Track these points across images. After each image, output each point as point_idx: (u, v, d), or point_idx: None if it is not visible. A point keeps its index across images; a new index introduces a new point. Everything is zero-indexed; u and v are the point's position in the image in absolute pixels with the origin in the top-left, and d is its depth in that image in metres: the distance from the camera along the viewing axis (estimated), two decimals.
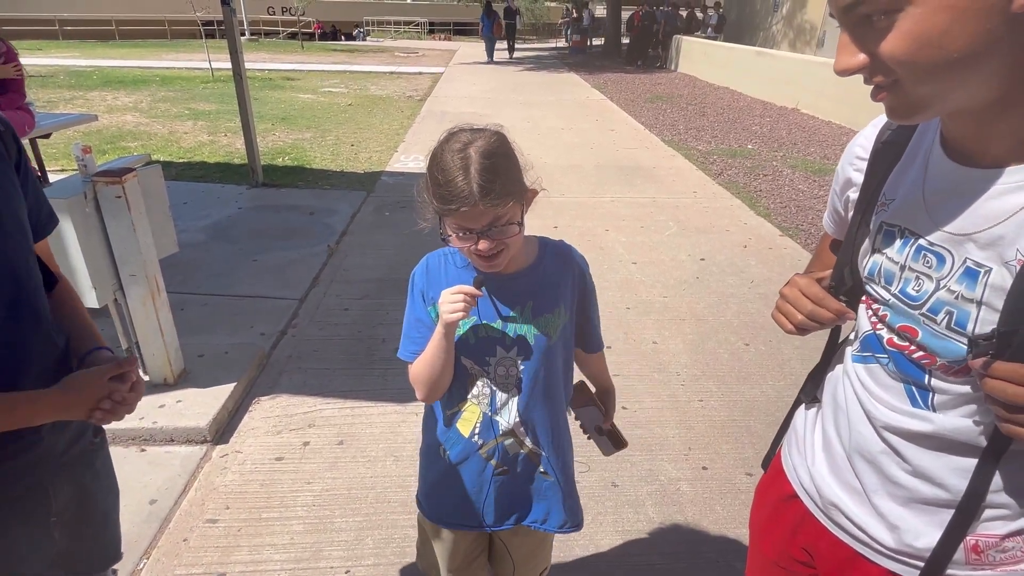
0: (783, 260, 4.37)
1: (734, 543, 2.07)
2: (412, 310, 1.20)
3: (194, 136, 7.84)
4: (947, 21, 0.58)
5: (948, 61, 0.60)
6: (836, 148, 7.83)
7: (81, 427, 1.09)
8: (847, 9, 0.64)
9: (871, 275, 0.83)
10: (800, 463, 0.98)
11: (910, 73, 0.63)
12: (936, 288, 0.73)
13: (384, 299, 3.60)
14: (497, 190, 0.98)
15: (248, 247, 4.26)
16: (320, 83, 13.16)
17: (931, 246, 0.74)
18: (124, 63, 15.73)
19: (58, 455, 1.02)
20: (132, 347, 2.60)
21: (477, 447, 1.21)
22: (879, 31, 0.62)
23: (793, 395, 1.06)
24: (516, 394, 1.18)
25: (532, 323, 1.15)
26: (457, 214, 1.00)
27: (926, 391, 0.77)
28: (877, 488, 0.84)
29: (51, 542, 1.03)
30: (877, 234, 0.82)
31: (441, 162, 1.00)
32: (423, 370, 1.14)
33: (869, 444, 0.84)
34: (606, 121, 9.55)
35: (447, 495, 1.28)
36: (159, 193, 2.58)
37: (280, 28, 26.73)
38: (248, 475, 2.30)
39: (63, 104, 9.63)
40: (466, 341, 1.15)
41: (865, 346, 0.85)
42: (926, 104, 0.66)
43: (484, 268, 1.09)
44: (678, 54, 16.73)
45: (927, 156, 0.77)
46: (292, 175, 6.15)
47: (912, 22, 0.60)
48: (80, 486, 1.09)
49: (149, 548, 1.98)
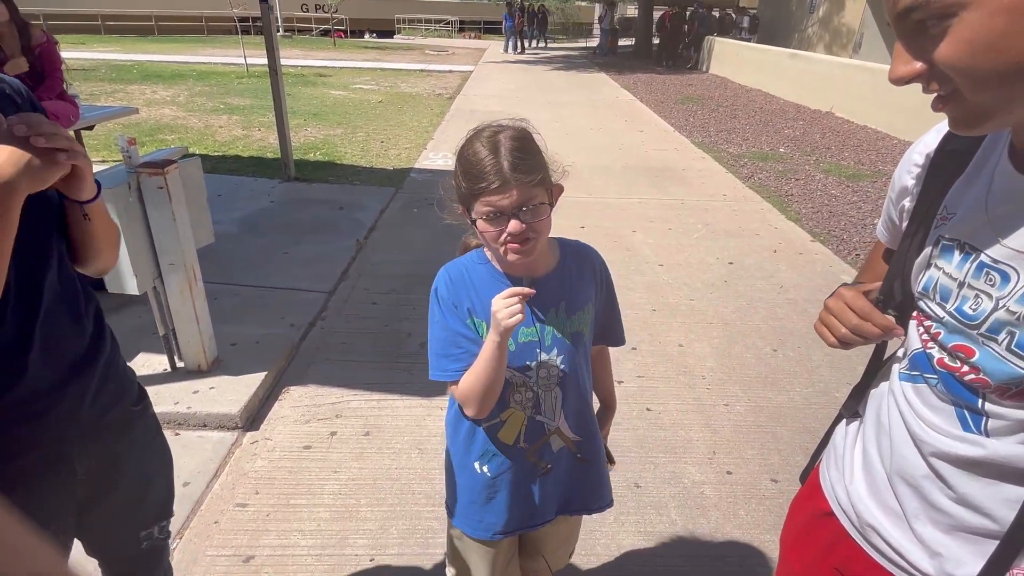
0: (814, 265, 4.30)
1: (757, 550, 2.05)
2: (447, 325, 1.14)
3: (228, 130, 8.01)
4: (1005, 24, 0.56)
5: (1008, 67, 0.57)
6: (871, 153, 7.67)
7: (116, 395, 1.13)
8: (901, 16, 0.61)
9: (925, 290, 0.79)
10: (838, 480, 0.95)
11: (968, 81, 0.60)
12: (995, 307, 0.69)
13: (411, 294, 3.64)
14: (527, 167, 1.01)
15: (279, 240, 4.35)
16: (351, 80, 13.33)
17: (995, 263, 0.70)
18: (162, 58, 16.14)
19: (83, 422, 1.06)
20: (169, 334, 2.67)
21: (523, 452, 1.20)
22: (934, 38, 0.60)
23: (822, 402, 1.05)
24: (558, 392, 1.19)
25: (568, 322, 1.17)
26: (488, 191, 1.01)
27: (979, 415, 0.73)
28: (918, 513, 0.81)
29: (74, 505, 1.08)
30: (934, 248, 0.79)
31: (471, 149, 1.04)
32: (478, 385, 1.09)
33: (912, 467, 0.81)
34: (635, 122, 9.50)
35: (489, 509, 1.25)
36: (198, 185, 2.65)
37: (313, 25, 27.12)
38: (277, 462, 2.35)
39: (104, 97, 9.93)
40: (507, 349, 1.13)
41: (914, 365, 0.82)
42: (989, 114, 0.63)
43: (515, 259, 1.06)
44: (710, 55, 16.54)
45: (993, 168, 0.74)
46: (323, 170, 6.25)
47: (967, 28, 0.57)
48: (112, 453, 1.13)
49: (182, 529, 2.04)
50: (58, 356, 1.01)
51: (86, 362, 1.06)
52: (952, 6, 0.57)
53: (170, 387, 2.62)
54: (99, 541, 1.21)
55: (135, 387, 1.20)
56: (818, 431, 1.10)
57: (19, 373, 0.96)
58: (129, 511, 1.21)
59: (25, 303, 0.96)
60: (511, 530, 1.27)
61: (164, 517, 1.30)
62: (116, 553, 1.26)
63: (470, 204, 1.06)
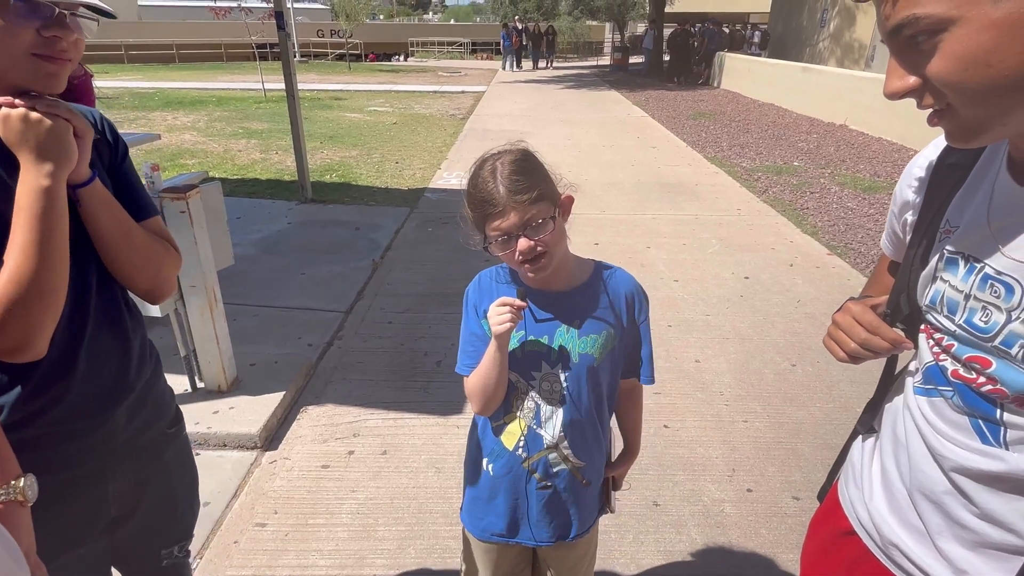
0: (831, 279, 4.26)
1: (780, 569, 2.01)
2: (467, 325, 1.24)
3: (247, 154, 8.18)
4: (994, 39, 0.56)
5: (998, 81, 0.58)
6: (887, 165, 7.61)
7: (152, 416, 1.15)
8: (893, 32, 0.62)
9: (933, 304, 0.79)
10: (857, 498, 0.94)
11: (959, 95, 0.61)
12: (1008, 320, 0.69)
13: (427, 313, 3.66)
14: (524, 188, 1.05)
15: (297, 261, 4.41)
16: (366, 103, 13.55)
17: (998, 275, 0.70)
18: (183, 85, 16.57)
19: (120, 444, 1.08)
20: (190, 355, 2.71)
21: (521, 460, 1.23)
22: (925, 53, 0.61)
23: (842, 418, 1.05)
24: (560, 409, 1.20)
25: (578, 341, 1.17)
26: (491, 217, 1.06)
27: (997, 426, 0.72)
28: (942, 530, 0.79)
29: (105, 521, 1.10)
30: (939, 261, 0.79)
31: (473, 180, 1.11)
32: (478, 383, 1.17)
33: (933, 483, 0.80)
34: (648, 138, 9.53)
35: (489, 509, 1.29)
36: (218, 208, 2.71)
37: (329, 50, 27.69)
38: (296, 481, 2.36)
39: (127, 124, 10.20)
40: (514, 355, 1.17)
41: (927, 378, 0.81)
42: (983, 127, 0.64)
43: (531, 274, 1.12)
44: (721, 71, 16.59)
45: (993, 180, 0.74)
46: (339, 191, 6.35)
47: (957, 43, 0.58)
48: (145, 473, 1.15)
49: (202, 549, 2.05)
50: (101, 379, 1.03)
51: (128, 385, 1.08)
52: (942, 22, 0.58)
53: (190, 407, 2.66)
54: (122, 556, 1.23)
55: (172, 409, 1.22)
56: (839, 447, 1.09)
57: (62, 395, 0.97)
58: (155, 530, 1.23)
59: (74, 324, 0.97)
60: (505, 536, 1.29)
61: (186, 537, 1.32)
62: (137, 568, 1.28)
63: (482, 230, 1.11)
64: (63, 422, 0.99)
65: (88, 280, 1.00)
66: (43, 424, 0.96)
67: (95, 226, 1.00)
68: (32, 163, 0.87)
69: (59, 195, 0.89)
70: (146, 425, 1.13)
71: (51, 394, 0.96)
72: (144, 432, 1.13)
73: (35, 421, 0.95)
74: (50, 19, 0.85)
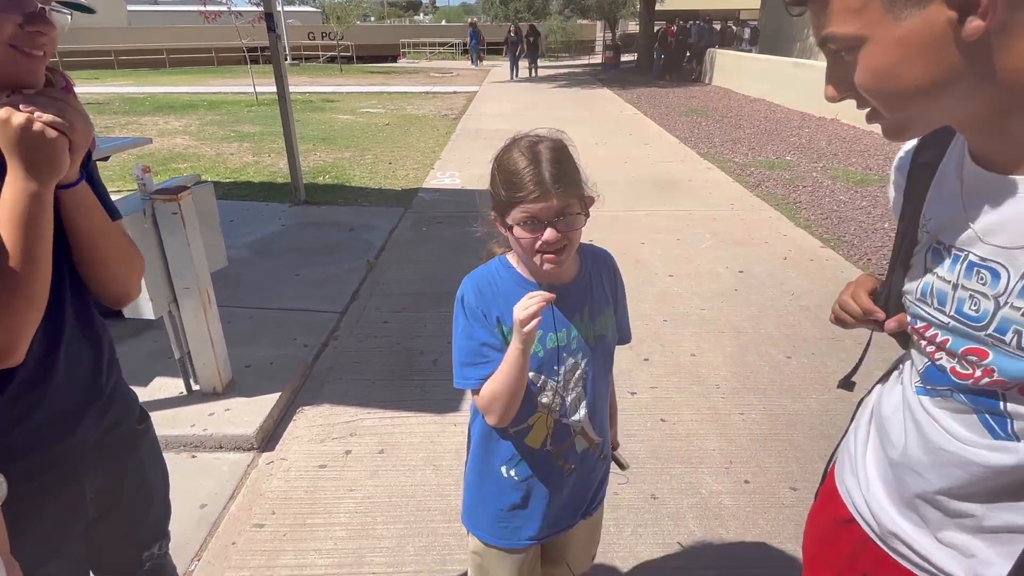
0: (825, 271, 4.27)
1: (778, 559, 2.02)
2: (473, 334, 1.15)
3: (240, 157, 8.15)
4: (899, 56, 0.63)
5: (906, 90, 0.64)
6: (878, 158, 7.65)
7: (121, 415, 1.14)
8: (821, 45, 0.69)
9: (923, 296, 0.80)
10: (854, 487, 0.95)
11: (879, 102, 0.68)
12: (997, 307, 0.69)
13: (422, 312, 3.66)
14: (567, 180, 1.04)
15: (291, 262, 4.40)
16: (358, 104, 13.53)
17: (983, 261, 0.71)
18: (174, 89, 16.50)
19: (93, 444, 1.07)
20: (184, 357, 2.70)
21: (550, 455, 1.21)
22: (849, 65, 0.67)
23: (838, 408, 1.07)
24: (583, 395, 1.21)
25: (591, 326, 1.19)
26: (528, 200, 1.03)
27: (1003, 418, 0.72)
28: (942, 523, 0.80)
29: (84, 523, 1.09)
30: (925, 253, 0.81)
31: (510, 158, 1.07)
32: (502, 391, 1.10)
33: (934, 479, 0.80)
34: (640, 135, 9.55)
35: (520, 515, 1.26)
36: (211, 210, 2.70)
37: (320, 52, 27.60)
38: (293, 482, 2.36)
39: (119, 129, 10.15)
40: (535, 355, 1.14)
41: (927, 379, 0.82)
42: (907, 126, 0.70)
43: (548, 266, 1.08)
44: (712, 67, 16.63)
45: (960, 170, 0.77)
46: (332, 193, 6.33)
47: (870, 57, 0.64)
48: (119, 471, 1.14)
49: (200, 551, 2.05)
50: (77, 383, 1.02)
51: (99, 388, 1.08)
52: (855, 40, 0.65)
53: (186, 410, 2.65)
54: (103, 560, 1.22)
55: (137, 406, 1.22)
56: (836, 438, 1.09)
57: (40, 400, 0.96)
58: (131, 529, 1.23)
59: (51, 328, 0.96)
60: (542, 536, 1.28)
61: (163, 536, 1.31)
62: (118, 571, 1.27)
63: (506, 212, 1.08)
64: (39, 429, 0.97)
65: (63, 284, 0.99)
66: (19, 433, 0.95)
67: (76, 228, 0.97)
68: (22, 168, 0.85)
69: (48, 200, 0.87)
70: (116, 423, 1.13)
71: (28, 401, 0.95)
72: (115, 430, 1.12)
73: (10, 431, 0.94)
74: (33, 13, 0.84)
